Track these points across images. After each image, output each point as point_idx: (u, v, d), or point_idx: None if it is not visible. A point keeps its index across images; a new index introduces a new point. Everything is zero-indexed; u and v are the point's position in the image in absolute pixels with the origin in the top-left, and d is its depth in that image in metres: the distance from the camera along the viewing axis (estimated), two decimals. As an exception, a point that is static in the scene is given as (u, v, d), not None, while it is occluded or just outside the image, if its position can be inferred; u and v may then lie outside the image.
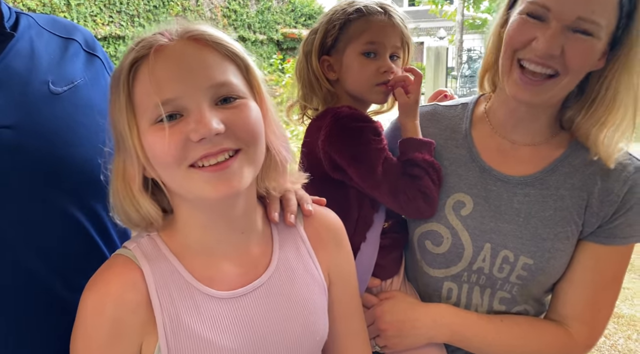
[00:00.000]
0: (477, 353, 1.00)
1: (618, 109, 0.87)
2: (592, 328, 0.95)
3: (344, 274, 0.87)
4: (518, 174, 0.97)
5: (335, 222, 0.89)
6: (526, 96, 0.87)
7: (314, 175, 1.05)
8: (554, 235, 0.94)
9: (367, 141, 0.98)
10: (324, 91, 1.05)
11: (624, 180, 0.91)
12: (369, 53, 1.02)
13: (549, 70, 0.84)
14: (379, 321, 0.99)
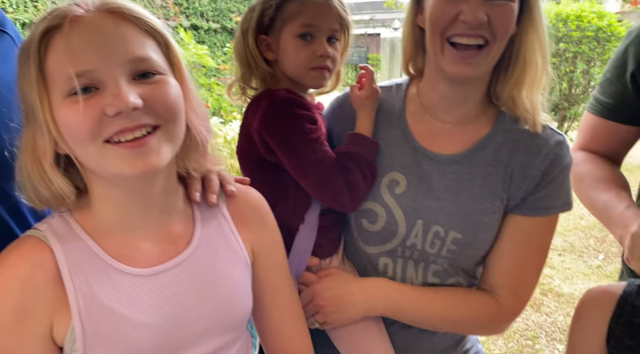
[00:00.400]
0: (412, 324, 1.03)
1: (531, 66, 0.92)
2: (518, 295, 1.00)
3: (269, 251, 0.88)
4: (448, 153, 1.00)
5: (258, 200, 0.89)
6: (466, 71, 0.90)
7: (250, 157, 1.05)
8: (482, 210, 0.97)
9: (301, 129, 0.97)
10: (262, 72, 1.04)
11: (546, 154, 0.96)
12: (305, 35, 1.00)
13: (479, 40, 0.87)
14: (317, 298, 1.01)
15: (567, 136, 1.00)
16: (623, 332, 0.84)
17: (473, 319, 1.01)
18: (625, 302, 0.86)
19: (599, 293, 0.91)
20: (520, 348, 2.87)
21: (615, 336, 0.85)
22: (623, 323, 0.85)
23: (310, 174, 0.97)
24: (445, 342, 1.08)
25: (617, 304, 0.87)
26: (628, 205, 1.07)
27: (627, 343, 0.84)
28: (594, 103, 1.24)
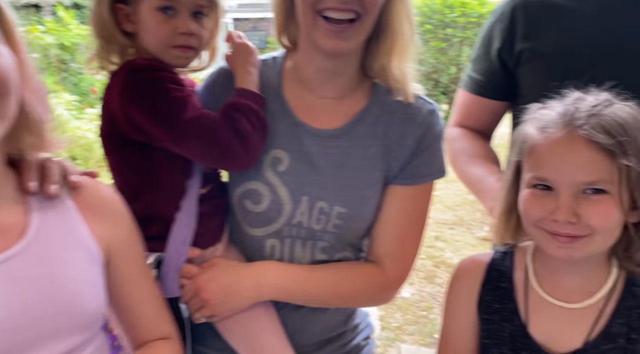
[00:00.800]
0: (304, 303, 1.02)
1: (399, 36, 0.94)
2: (402, 262, 1.03)
3: (126, 246, 0.82)
4: (327, 128, 0.99)
5: (109, 193, 0.83)
6: (340, 45, 0.89)
7: (114, 140, 0.95)
8: (364, 183, 0.98)
9: (166, 90, 0.89)
10: (119, 45, 0.94)
11: (419, 123, 0.99)
12: (166, 9, 0.91)
13: (350, 14, 0.87)
14: (202, 291, 0.95)
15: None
16: (492, 297, 0.88)
17: (362, 291, 1.02)
18: (492, 268, 0.90)
19: (469, 262, 0.95)
20: (416, 318, 3.02)
21: (485, 302, 0.89)
22: (491, 288, 0.89)
23: (189, 134, 0.89)
24: (337, 319, 1.09)
25: (485, 271, 0.90)
26: (498, 178, 1.13)
27: (495, 306, 0.87)
28: (466, 80, 1.29)
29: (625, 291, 0.82)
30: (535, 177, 0.78)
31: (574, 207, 0.74)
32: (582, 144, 0.74)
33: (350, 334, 1.12)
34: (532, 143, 0.79)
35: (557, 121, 0.77)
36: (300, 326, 1.05)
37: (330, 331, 1.08)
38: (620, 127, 0.74)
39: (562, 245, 0.76)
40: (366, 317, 1.18)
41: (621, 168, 0.73)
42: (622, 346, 0.79)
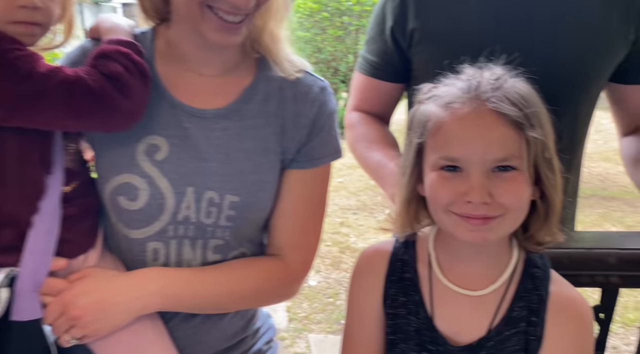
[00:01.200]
0: (198, 311, 0.91)
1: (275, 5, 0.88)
2: (304, 251, 0.96)
3: None
4: (212, 107, 0.89)
5: None
6: (232, 39, 0.83)
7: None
8: (257, 167, 0.90)
9: (5, 50, 0.74)
10: None
11: (312, 101, 0.92)
12: None
13: (240, 17, 0.81)
14: (70, 308, 0.80)
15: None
16: (397, 290, 0.83)
17: (264, 288, 0.94)
18: (395, 259, 0.85)
19: (371, 253, 0.88)
20: (323, 306, 3.02)
21: (391, 295, 0.83)
22: (395, 280, 0.83)
23: (46, 87, 0.74)
24: (235, 325, 0.99)
25: (388, 262, 0.85)
26: (397, 163, 1.10)
27: (401, 300, 0.82)
28: (361, 62, 1.25)
29: (524, 273, 0.81)
30: (444, 158, 0.73)
31: (487, 186, 0.70)
32: (491, 118, 0.70)
33: (251, 340, 1.03)
34: (437, 121, 0.73)
35: (462, 95, 0.72)
36: (194, 337, 0.94)
37: (229, 340, 0.98)
38: (523, 99, 0.71)
39: (474, 228, 0.71)
40: (268, 319, 1.10)
41: (529, 141, 0.70)
42: (524, 329, 0.78)
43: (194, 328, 0.93)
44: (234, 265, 0.92)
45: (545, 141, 0.72)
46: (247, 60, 0.93)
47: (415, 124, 0.78)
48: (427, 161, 0.76)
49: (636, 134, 1.15)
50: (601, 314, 1.01)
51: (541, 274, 0.80)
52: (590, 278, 0.96)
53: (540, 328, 0.78)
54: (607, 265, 0.95)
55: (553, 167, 0.75)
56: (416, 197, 0.80)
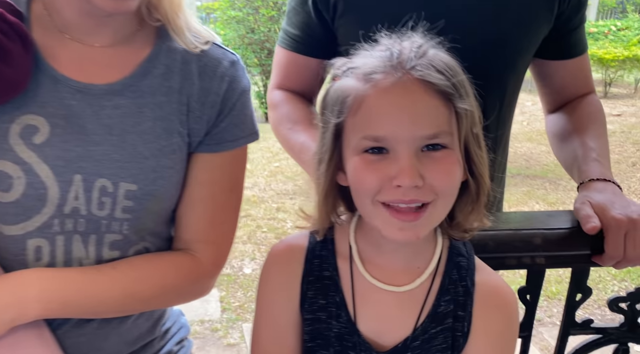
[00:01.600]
0: (92, 316, 0.80)
1: None
2: (218, 245, 0.87)
3: None
4: (102, 82, 0.77)
5: None
6: (123, 6, 0.71)
7: None
8: (158, 150, 0.79)
9: None
10: None
11: (221, 76, 0.83)
12: None
13: None
14: None
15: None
16: (315, 291, 0.73)
17: (170, 287, 0.83)
18: (312, 255, 0.74)
19: (284, 250, 0.77)
20: (258, 294, 2.93)
21: (309, 298, 0.73)
22: (313, 280, 0.73)
23: None
24: (140, 328, 0.88)
25: (305, 259, 0.74)
26: None
27: (320, 302, 0.73)
28: (283, 36, 1.15)
29: (449, 263, 0.74)
30: (367, 138, 0.64)
31: (418, 167, 0.62)
32: (418, 89, 0.62)
33: (159, 342, 0.93)
34: (357, 96, 0.64)
35: (384, 65, 0.63)
36: (90, 345, 0.83)
37: (132, 344, 0.88)
38: (449, 67, 0.64)
39: (404, 225, 0.64)
40: (179, 317, 1.00)
41: (459, 114, 0.64)
42: (450, 326, 0.73)
43: (89, 334, 0.82)
44: (133, 262, 0.81)
45: (474, 113, 0.66)
46: (145, 30, 0.81)
47: (331, 102, 0.68)
48: (348, 145, 0.67)
49: (561, 111, 1.14)
50: (528, 295, 1.00)
51: (466, 263, 0.75)
52: (517, 260, 0.94)
53: (467, 322, 0.73)
54: (533, 246, 0.92)
55: (481, 144, 0.69)
56: (335, 187, 0.72)
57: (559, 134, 1.11)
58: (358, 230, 0.75)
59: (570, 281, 1.00)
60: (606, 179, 0.94)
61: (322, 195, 0.71)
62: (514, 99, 1.11)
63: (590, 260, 0.92)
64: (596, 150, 1.00)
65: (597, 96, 1.15)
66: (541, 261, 0.94)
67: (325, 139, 0.69)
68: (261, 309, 0.77)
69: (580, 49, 1.10)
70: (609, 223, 0.86)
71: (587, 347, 1.04)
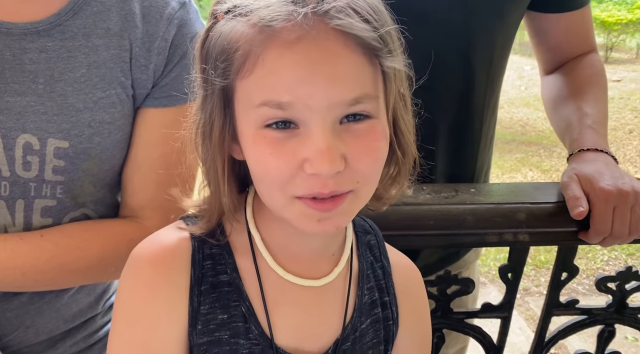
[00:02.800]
0: (19, 289, 0.72)
1: None
2: (168, 211, 0.74)
3: None
4: (24, 20, 0.66)
5: None
6: None
7: None
8: (94, 103, 0.69)
9: None
10: None
11: (169, 19, 0.72)
12: None
13: None
14: None
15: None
16: (211, 305, 0.54)
17: (110, 258, 0.72)
18: (201, 255, 0.55)
19: (157, 253, 0.55)
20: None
21: (202, 315, 0.53)
22: (207, 289, 0.54)
23: None
24: (79, 303, 0.80)
25: (191, 262, 0.54)
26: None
27: (220, 318, 0.54)
28: None
29: (360, 245, 0.62)
30: (268, 103, 0.46)
31: (337, 146, 0.46)
32: (336, 42, 0.46)
33: (102, 319, 0.85)
34: (251, 52, 0.47)
35: (287, 7, 0.46)
36: (19, 321, 0.74)
37: (70, 321, 0.80)
38: (375, 13, 0.48)
39: (323, 216, 0.49)
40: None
41: (386, 74, 0.49)
42: (379, 316, 0.61)
43: (17, 309, 0.74)
44: (65, 230, 0.72)
45: (402, 72, 0.52)
46: None
47: (214, 55, 0.49)
48: (242, 113, 0.50)
49: (558, 72, 1.03)
50: (509, 273, 0.91)
51: (375, 240, 0.64)
52: (498, 237, 0.85)
53: (394, 307, 0.62)
54: (517, 222, 0.83)
55: (408, 107, 0.55)
56: (230, 163, 0.54)
57: (554, 98, 1.00)
58: (256, 212, 0.57)
59: (556, 259, 0.92)
60: (599, 149, 0.84)
61: (215, 177, 0.54)
62: (504, 57, 0.99)
63: (577, 238, 0.84)
64: (592, 116, 0.89)
65: (598, 55, 1.04)
66: (525, 238, 0.85)
67: (210, 105, 0.51)
68: (122, 344, 0.54)
69: (580, 1, 0.98)
70: (596, 195, 0.78)
71: (571, 328, 0.97)
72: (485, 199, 0.85)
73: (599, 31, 8.14)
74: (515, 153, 4.72)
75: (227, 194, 0.54)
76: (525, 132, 5.37)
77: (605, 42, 8.28)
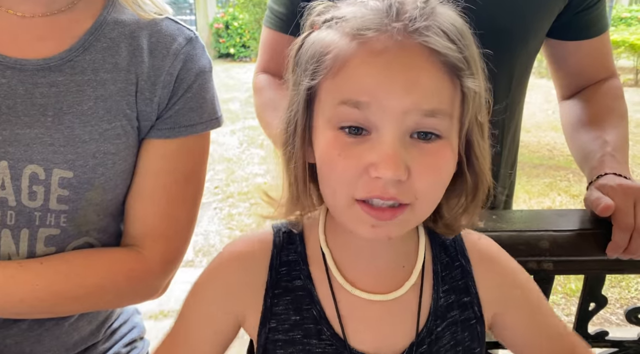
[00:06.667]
0: (17, 317, 0.72)
1: None
2: (168, 241, 0.77)
3: None
4: (36, 57, 0.70)
5: None
6: None
7: None
8: (99, 134, 0.71)
9: None
10: None
11: (175, 54, 0.75)
12: None
13: None
14: None
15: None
16: (285, 306, 0.60)
17: (108, 286, 0.74)
18: (278, 262, 0.61)
19: (243, 252, 0.63)
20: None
21: (277, 314, 0.60)
22: (282, 293, 0.60)
23: None
24: (80, 330, 0.80)
25: (270, 266, 0.61)
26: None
27: (293, 319, 0.60)
28: (268, 14, 1.05)
29: (434, 247, 0.63)
30: (347, 102, 0.49)
31: (404, 157, 0.49)
32: (421, 56, 0.49)
33: (103, 345, 0.84)
34: (340, 55, 0.50)
35: (379, 21, 0.49)
36: (18, 349, 0.75)
37: (71, 349, 0.80)
38: (462, 35, 0.50)
39: (378, 223, 0.51)
40: (133, 316, 0.92)
41: (466, 95, 0.51)
42: (457, 318, 0.61)
43: (17, 336, 0.74)
44: (66, 257, 0.73)
45: (481, 97, 0.53)
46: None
47: (306, 58, 0.53)
48: (321, 113, 0.53)
49: (576, 97, 1.02)
50: (534, 302, 0.89)
51: (451, 240, 0.65)
52: (521, 265, 0.83)
53: (477, 306, 0.62)
54: (540, 250, 0.82)
55: (484, 135, 0.56)
56: (308, 167, 0.57)
57: (573, 124, 0.99)
58: (328, 229, 0.62)
59: (583, 289, 0.89)
60: (617, 173, 0.83)
61: (291, 175, 0.58)
62: (524, 83, 0.99)
63: (605, 266, 0.81)
64: (611, 144, 0.88)
65: (618, 80, 1.02)
66: (549, 267, 0.83)
67: (295, 104, 0.55)
68: (189, 323, 0.63)
69: (599, 28, 0.97)
70: (614, 191, 0.77)
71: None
72: (507, 226, 0.84)
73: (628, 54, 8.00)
74: (543, 178, 4.63)
75: (307, 194, 0.58)
76: (552, 157, 5.26)
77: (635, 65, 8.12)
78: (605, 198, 0.77)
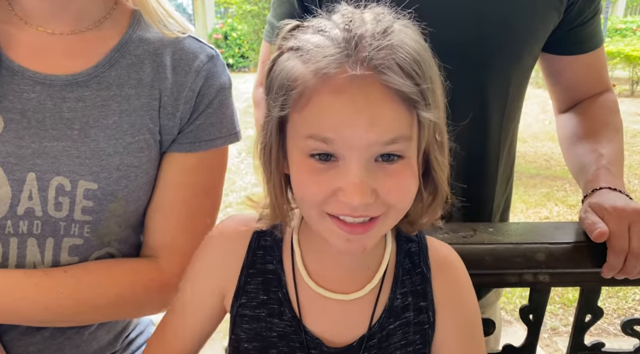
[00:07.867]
0: (40, 324, 0.74)
1: None
2: (185, 253, 0.77)
3: None
4: (64, 73, 0.72)
5: None
6: None
7: None
8: (123, 147, 0.73)
9: None
10: None
11: (197, 71, 0.77)
12: None
13: None
14: None
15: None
16: (256, 286, 0.66)
17: (125, 296, 0.75)
18: (257, 245, 0.67)
19: (231, 230, 0.69)
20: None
21: (248, 292, 0.66)
22: (255, 273, 0.67)
23: None
24: (99, 340, 0.81)
25: (248, 247, 0.67)
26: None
27: (261, 298, 0.66)
28: (268, 29, 1.07)
29: (399, 253, 0.67)
30: (315, 137, 0.54)
31: (369, 183, 0.54)
32: (379, 91, 0.52)
33: None
34: (306, 91, 0.54)
35: (339, 58, 0.53)
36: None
37: None
38: (418, 66, 0.54)
39: (352, 237, 0.56)
40: (149, 327, 0.93)
41: (422, 123, 0.55)
42: (410, 320, 0.66)
43: (39, 344, 0.76)
44: (90, 268, 0.74)
45: (438, 121, 0.57)
46: (116, 15, 0.76)
47: (276, 88, 0.58)
48: (293, 140, 0.58)
49: (572, 111, 1.04)
50: (531, 315, 0.90)
51: (417, 247, 0.69)
52: (517, 277, 0.84)
53: (432, 312, 0.67)
54: (536, 262, 0.83)
55: (444, 151, 0.61)
56: (282, 178, 0.62)
57: (568, 137, 1.01)
58: (302, 231, 0.67)
59: (579, 301, 0.90)
60: (612, 187, 0.84)
61: (275, 191, 0.62)
62: (519, 96, 1.01)
63: (600, 279, 0.82)
64: (606, 157, 0.89)
65: (613, 94, 1.04)
66: (545, 279, 0.84)
67: (269, 128, 0.59)
68: (184, 294, 0.70)
69: (594, 43, 0.99)
70: (609, 214, 0.78)
71: (597, 373, 0.94)
72: (503, 239, 0.85)
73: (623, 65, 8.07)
74: (540, 188, 4.64)
75: (283, 205, 0.63)
76: (549, 167, 5.29)
77: (631, 76, 8.19)
78: (600, 223, 0.78)
